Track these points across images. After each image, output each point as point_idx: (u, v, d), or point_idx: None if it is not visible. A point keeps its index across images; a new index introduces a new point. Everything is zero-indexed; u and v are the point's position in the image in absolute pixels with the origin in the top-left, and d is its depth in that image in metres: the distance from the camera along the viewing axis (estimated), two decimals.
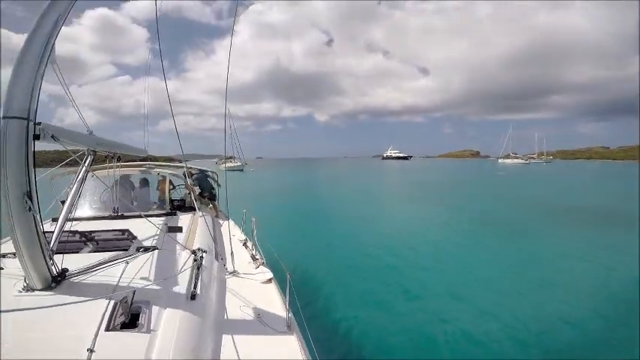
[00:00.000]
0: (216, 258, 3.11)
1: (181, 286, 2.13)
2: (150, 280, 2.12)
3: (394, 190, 28.22)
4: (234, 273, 2.90)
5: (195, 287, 2.16)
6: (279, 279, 2.98)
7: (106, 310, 1.70)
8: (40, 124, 1.92)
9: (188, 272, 2.36)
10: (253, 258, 3.35)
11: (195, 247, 2.90)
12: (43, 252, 1.89)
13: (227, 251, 3.45)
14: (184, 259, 2.63)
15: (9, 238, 2.22)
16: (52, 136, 2.03)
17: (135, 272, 2.22)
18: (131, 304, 1.74)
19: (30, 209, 1.79)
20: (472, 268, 7.36)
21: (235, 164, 54.85)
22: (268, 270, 3.01)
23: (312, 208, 16.27)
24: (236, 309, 2.31)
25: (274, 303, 2.46)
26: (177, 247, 2.91)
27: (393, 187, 31.10)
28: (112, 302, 1.76)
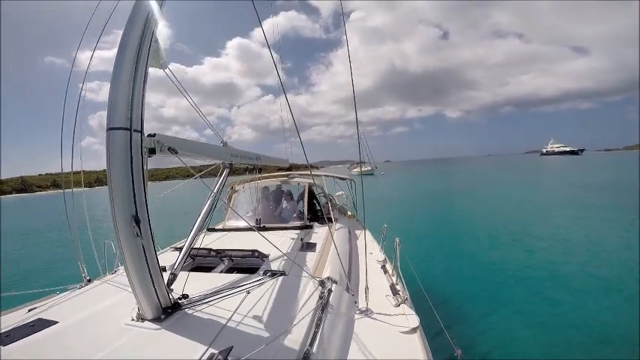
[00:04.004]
0: (347, 288, 2.57)
1: (294, 339, 1.69)
2: (260, 324, 1.81)
3: (581, 198, 17.10)
4: (366, 312, 2.24)
5: (312, 342, 1.69)
6: (428, 324, 2.26)
7: None
8: (154, 135, 1.74)
9: (308, 318, 1.87)
10: (393, 290, 2.62)
11: (324, 275, 2.55)
12: (153, 282, 1.73)
13: (361, 276, 2.91)
14: (309, 292, 2.25)
15: None
16: (170, 149, 1.83)
17: (251, 306, 1.99)
18: None
19: (138, 234, 1.60)
20: None
21: (366, 169, 56.12)
22: (413, 312, 2.21)
23: (467, 223, 12.69)
24: None
25: None
26: (305, 272, 2.58)
27: (575, 193, 19.58)
28: (208, 353, 1.49)
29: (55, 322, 1.85)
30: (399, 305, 2.36)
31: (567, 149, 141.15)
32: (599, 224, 10.62)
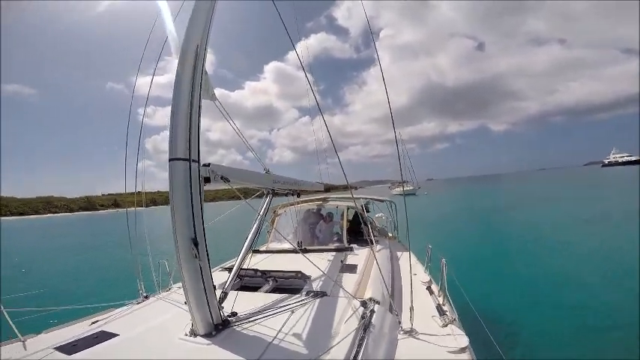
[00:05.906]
0: (390, 309, 2.50)
1: (336, 359, 1.69)
2: (303, 342, 1.85)
3: None
4: (410, 332, 2.15)
5: None
6: (480, 345, 2.27)
7: None
8: (208, 165, 1.89)
9: (350, 337, 1.86)
10: (440, 311, 2.50)
11: (366, 296, 2.55)
12: (207, 301, 1.84)
13: (405, 297, 2.85)
14: (351, 312, 2.26)
15: None
16: (222, 178, 1.98)
17: (294, 326, 2.04)
18: None
19: (196, 256, 1.72)
20: None
21: (408, 188, 54.22)
22: (462, 333, 2.11)
23: (518, 245, 11.21)
24: None
25: None
26: (346, 293, 2.57)
27: None
28: None
29: (116, 335, 2.01)
30: (446, 325, 2.26)
31: (633, 158, 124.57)
32: None
